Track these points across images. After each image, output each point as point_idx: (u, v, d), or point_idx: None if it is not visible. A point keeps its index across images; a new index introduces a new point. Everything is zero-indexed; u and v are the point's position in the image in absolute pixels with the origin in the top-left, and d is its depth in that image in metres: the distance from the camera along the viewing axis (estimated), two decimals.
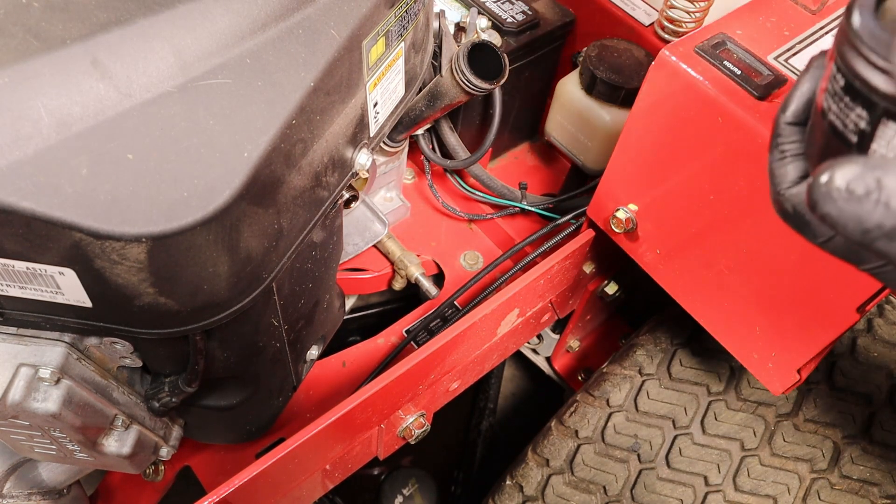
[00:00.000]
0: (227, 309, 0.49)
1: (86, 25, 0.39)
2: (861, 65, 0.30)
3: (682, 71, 0.59)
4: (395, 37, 0.55)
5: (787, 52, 0.61)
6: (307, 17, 0.46)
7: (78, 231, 0.38)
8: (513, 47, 0.84)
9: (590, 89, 0.83)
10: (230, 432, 0.75)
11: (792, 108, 0.38)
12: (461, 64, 0.66)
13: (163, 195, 0.39)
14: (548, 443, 0.80)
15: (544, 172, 1.03)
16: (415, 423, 0.74)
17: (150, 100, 0.40)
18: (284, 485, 0.67)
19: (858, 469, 0.70)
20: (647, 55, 0.83)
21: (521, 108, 0.96)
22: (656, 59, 0.60)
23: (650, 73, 0.62)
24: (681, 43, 0.60)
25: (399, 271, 0.91)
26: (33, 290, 0.43)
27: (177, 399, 0.58)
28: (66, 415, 0.51)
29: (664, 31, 0.83)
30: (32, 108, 0.37)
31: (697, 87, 0.58)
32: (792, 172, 0.38)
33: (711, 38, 0.61)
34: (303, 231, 0.52)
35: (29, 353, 0.49)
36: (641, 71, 0.81)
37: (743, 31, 0.62)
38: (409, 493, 1.17)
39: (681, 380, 0.79)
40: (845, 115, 0.32)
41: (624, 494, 0.75)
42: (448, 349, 0.68)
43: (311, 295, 0.66)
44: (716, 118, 0.58)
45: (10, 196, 0.36)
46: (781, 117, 0.39)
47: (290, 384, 0.74)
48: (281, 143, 0.44)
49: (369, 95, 0.54)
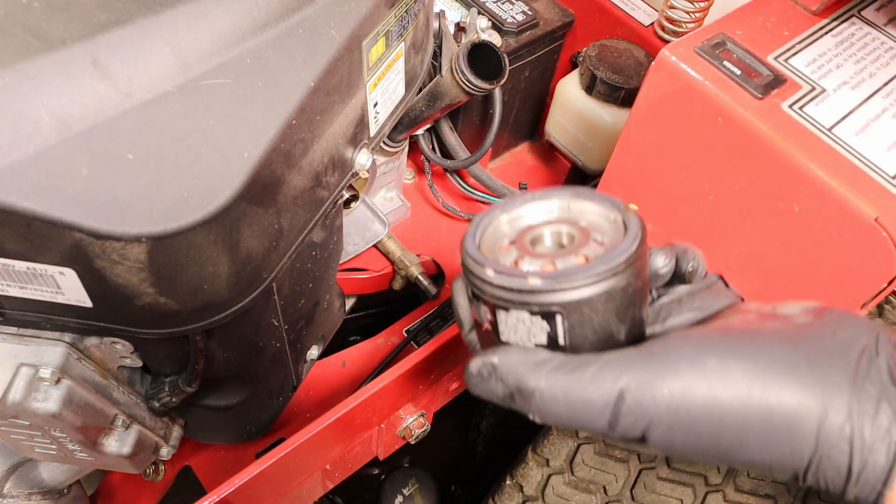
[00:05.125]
0: (227, 309, 0.49)
1: (86, 25, 0.39)
2: (471, 275, 0.41)
3: (682, 71, 0.59)
4: (395, 37, 0.55)
5: (787, 52, 0.61)
6: (307, 17, 0.46)
7: (78, 231, 0.38)
8: (513, 47, 0.84)
9: (590, 89, 0.83)
10: (230, 432, 0.75)
11: (464, 325, 0.48)
12: (461, 64, 0.66)
13: (163, 195, 0.39)
14: (548, 442, 0.80)
15: (544, 172, 1.03)
16: (415, 422, 0.74)
17: (150, 100, 0.40)
18: (284, 485, 0.67)
19: None
20: (647, 55, 0.83)
21: (521, 108, 0.96)
22: (656, 60, 0.61)
23: (650, 74, 0.62)
24: (681, 43, 0.61)
25: (399, 271, 0.91)
26: (33, 289, 0.43)
27: (177, 399, 0.58)
28: (66, 415, 0.51)
29: (664, 31, 0.83)
30: (33, 108, 0.37)
31: (697, 88, 0.58)
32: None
33: (711, 38, 0.61)
34: (303, 231, 0.52)
35: (29, 353, 0.49)
36: (641, 71, 0.81)
37: (743, 32, 0.62)
38: (409, 493, 1.17)
39: None
40: (481, 315, 0.42)
41: (624, 494, 0.75)
42: (448, 349, 0.68)
43: (312, 295, 0.66)
44: (716, 118, 0.58)
45: (10, 196, 0.36)
46: (462, 334, 0.49)
47: (290, 384, 0.74)
48: (281, 143, 0.44)
49: (369, 95, 0.54)
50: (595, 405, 0.38)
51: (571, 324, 0.39)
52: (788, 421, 0.37)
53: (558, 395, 0.39)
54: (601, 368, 0.38)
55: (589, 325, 0.39)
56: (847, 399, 0.37)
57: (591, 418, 0.38)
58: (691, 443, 0.38)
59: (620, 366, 0.38)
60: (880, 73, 0.62)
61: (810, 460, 0.37)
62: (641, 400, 0.37)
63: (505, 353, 0.41)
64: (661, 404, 0.37)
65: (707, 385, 0.37)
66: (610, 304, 0.39)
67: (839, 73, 0.61)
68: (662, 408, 0.37)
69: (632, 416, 0.38)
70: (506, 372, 0.40)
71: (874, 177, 0.53)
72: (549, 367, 0.39)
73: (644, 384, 0.38)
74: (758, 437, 0.38)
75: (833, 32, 0.64)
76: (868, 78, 0.61)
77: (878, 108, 0.59)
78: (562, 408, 0.39)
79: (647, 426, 0.38)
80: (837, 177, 0.53)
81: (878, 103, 0.59)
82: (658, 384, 0.37)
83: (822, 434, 0.37)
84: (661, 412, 0.37)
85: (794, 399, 0.37)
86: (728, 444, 0.38)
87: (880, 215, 0.51)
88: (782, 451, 0.38)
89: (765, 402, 0.37)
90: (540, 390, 0.39)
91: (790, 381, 0.37)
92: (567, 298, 0.38)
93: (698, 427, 0.38)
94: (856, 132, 0.57)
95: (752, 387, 0.37)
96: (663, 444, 0.38)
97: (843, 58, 0.62)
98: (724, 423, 0.38)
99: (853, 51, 0.63)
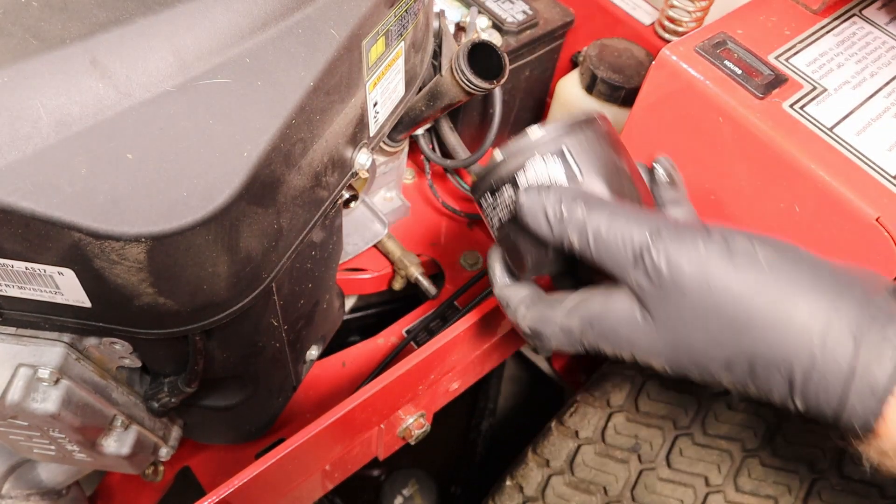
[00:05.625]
0: (226, 309, 0.49)
1: (85, 25, 0.39)
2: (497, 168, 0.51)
3: (682, 70, 0.59)
4: (394, 36, 0.55)
5: (788, 51, 0.61)
6: (307, 17, 0.46)
7: (77, 231, 0.38)
8: (513, 47, 0.84)
9: (590, 89, 0.83)
10: (230, 432, 0.75)
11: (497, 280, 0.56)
12: (461, 63, 0.66)
13: (162, 195, 0.39)
14: (548, 443, 0.80)
15: None
16: (415, 423, 0.74)
17: (149, 99, 0.40)
18: (284, 485, 0.67)
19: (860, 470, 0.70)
20: (647, 55, 0.83)
21: (521, 107, 0.96)
22: (657, 59, 0.60)
23: (651, 73, 0.61)
24: (681, 42, 0.60)
25: (399, 271, 0.91)
26: (32, 290, 0.43)
27: (176, 399, 0.58)
28: (65, 415, 0.51)
29: (664, 30, 0.83)
30: (31, 108, 0.37)
31: (698, 87, 0.58)
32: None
33: (712, 37, 0.61)
34: (303, 231, 0.52)
35: (28, 354, 0.49)
36: (642, 70, 0.81)
37: (744, 31, 0.62)
38: (410, 493, 1.17)
39: (682, 380, 0.78)
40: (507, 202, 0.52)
41: (624, 495, 0.75)
42: (448, 349, 0.68)
43: (311, 295, 0.66)
44: (716, 118, 0.58)
45: (9, 196, 0.36)
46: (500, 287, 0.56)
47: (290, 384, 0.74)
48: (281, 142, 0.44)
49: (369, 95, 0.54)
50: (628, 243, 0.44)
51: (578, 153, 0.49)
52: (797, 322, 0.40)
53: (599, 225, 0.45)
54: (636, 213, 0.45)
55: (593, 154, 0.50)
56: (855, 319, 0.39)
57: (620, 251, 0.44)
58: (700, 306, 0.42)
59: (653, 220, 0.44)
60: (882, 73, 0.62)
61: (809, 368, 0.40)
62: (668, 260, 0.42)
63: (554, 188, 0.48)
64: (684, 265, 0.42)
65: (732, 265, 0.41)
66: (598, 139, 0.51)
67: (840, 72, 0.61)
68: (685, 268, 0.42)
69: (656, 270, 0.43)
70: (556, 199, 0.46)
71: (875, 177, 0.53)
72: (592, 202, 0.46)
73: (669, 244, 0.43)
74: (763, 330, 0.40)
75: (834, 32, 0.64)
76: (869, 77, 0.61)
77: (879, 107, 0.59)
78: (602, 233, 0.44)
79: (661, 276, 0.42)
80: (838, 177, 0.53)
81: (880, 103, 0.59)
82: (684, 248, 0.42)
83: (826, 343, 0.39)
84: (681, 270, 0.42)
85: (807, 305, 0.40)
86: (732, 329, 0.41)
87: (882, 215, 0.51)
88: (784, 349, 0.40)
89: (779, 297, 0.40)
90: (587, 213, 0.45)
91: (808, 288, 0.40)
92: (568, 136, 0.49)
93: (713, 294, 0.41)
94: (857, 132, 0.57)
95: (771, 278, 0.41)
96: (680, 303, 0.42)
97: (844, 57, 0.62)
98: (738, 303, 0.41)
99: (854, 50, 0.63)
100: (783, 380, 0.41)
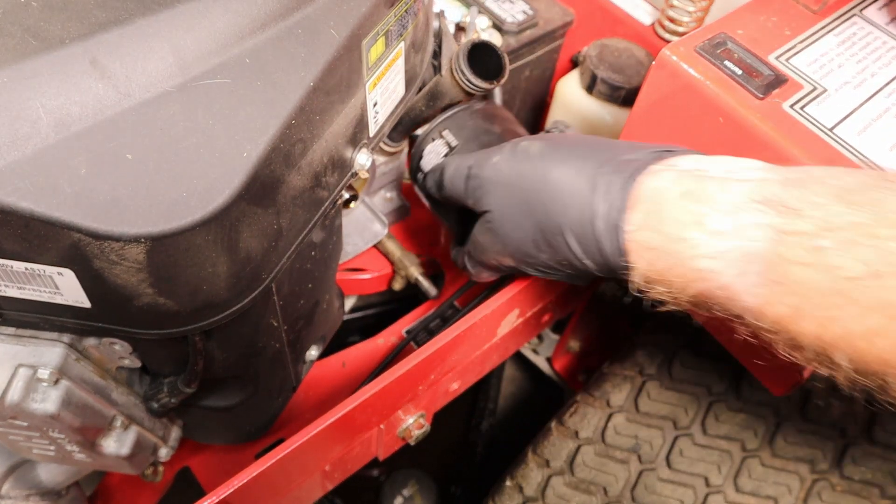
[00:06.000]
0: (226, 309, 0.49)
1: (85, 25, 0.39)
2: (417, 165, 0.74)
3: (682, 71, 0.59)
4: (394, 36, 0.55)
5: (788, 51, 0.61)
6: (307, 17, 0.46)
7: (77, 231, 0.38)
8: (513, 47, 0.84)
9: (590, 89, 0.83)
10: (229, 433, 0.75)
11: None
12: (461, 63, 0.66)
13: (162, 195, 0.39)
14: (548, 443, 0.80)
15: None
16: (415, 423, 0.74)
17: (149, 99, 0.39)
18: (284, 486, 0.67)
19: (860, 470, 0.70)
20: (647, 55, 0.83)
21: (521, 107, 0.96)
22: (657, 59, 0.60)
23: (651, 73, 0.61)
24: (681, 42, 0.60)
25: (399, 271, 0.91)
26: (32, 290, 0.43)
27: (176, 399, 0.58)
28: (64, 415, 0.51)
29: (665, 30, 0.83)
30: (31, 108, 0.37)
31: (698, 87, 0.58)
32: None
33: (712, 37, 0.61)
34: (302, 231, 0.52)
35: (27, 354, 0.49)
36: (642, 70, 0.81)
37: (744, 31, 0.62)
38: (409, 493, 1.17)
39: (681, 381, 0.78)
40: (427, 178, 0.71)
41: (624, 495, 0.75)
42: (448, 349, 0.68)
43: (311, 295, 0.66)
44: (717, 118, 0.58)
45: (8, 196, 0.36)
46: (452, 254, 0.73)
47: (290, 384, 0.74)
48: (281, 143, 0.44)
49: (369, 95, 0.54)
50: (460, 175, 0.60)
51: (451, 130, 0.69)
52: (561, 188, 0.50)
53: (447, 168, 0.62)
54: (472, 155, 0.60)
55: (464, 128, 0.69)
56: (592, 172, 0.50)
57: (457, 185, 0.60)
58: (506, 201, 0.55)
59: (478, 154, 0.60)
60: (882, 73, 0.62)
61: (573, 224, 0.49)
62: (479, 172, 0.57)
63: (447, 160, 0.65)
64: (486, 172, 0.57)
65: (514, 161, 0.55)
66: (468, 116, 0.70)
67: (840, 72, 0.61)
68: (487, 174, 0.57)
69: (475, 181, 0.58)
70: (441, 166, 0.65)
71: None
72: (450, 159, 0.64)
73: (480, 162, 0.58)
74: (541, 204, 0.51)
75: (835, 32, 0.64)
76: (870, 78, 0.61)
77: (879, 108, 0.59)
78: (448, 173, 0.62)
79: (479, 186, 0.57)
80: None
81: (880, 103, 0.59)
82: (487, 161, 0.57)
83: (573, 199, 0.49)
84: (486, 177, 0.57)
85: (560, 174, 0.51)
86: (525, 212, 0.53)
87: None
88: (555, 216, 0.50)
89: (542, 174, 0.52)
90: (446, 165, 0.63)
91: (561, 161, 0.52)
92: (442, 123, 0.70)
93: (509, 188, 0.54)
94: (857, 132, 0.56)
95: (539, 163, 0.53)
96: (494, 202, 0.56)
97: (844, 57, 0.62)
98: (522, 189, 0.53)
99: (855, 50, 0.63)
100: (565, 243, 0.51)
